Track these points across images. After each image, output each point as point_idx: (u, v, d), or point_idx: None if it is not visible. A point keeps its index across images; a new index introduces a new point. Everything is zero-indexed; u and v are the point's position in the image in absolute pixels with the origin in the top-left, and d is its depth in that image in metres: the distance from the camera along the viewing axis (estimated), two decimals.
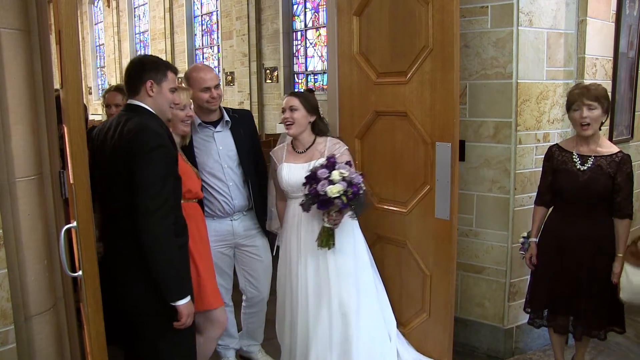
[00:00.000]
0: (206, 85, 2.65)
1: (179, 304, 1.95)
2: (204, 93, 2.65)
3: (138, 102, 2.07)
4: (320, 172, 2.40)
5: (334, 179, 2.36)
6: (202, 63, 3.15)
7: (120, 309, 2.03)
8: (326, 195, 2.35)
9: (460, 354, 3.12)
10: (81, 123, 1.61)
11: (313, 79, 11.40)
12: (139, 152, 1.89)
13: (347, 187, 2.36)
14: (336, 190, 2.34)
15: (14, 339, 1.73)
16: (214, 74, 2.72)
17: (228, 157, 2.74)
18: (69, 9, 1.59)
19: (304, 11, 11.29)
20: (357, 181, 2.40)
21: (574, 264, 2.54)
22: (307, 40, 11.34)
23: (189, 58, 14.34)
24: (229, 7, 12.43)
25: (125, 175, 1.90)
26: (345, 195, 2.36)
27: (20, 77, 1.76)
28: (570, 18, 3.05)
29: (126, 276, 2.00)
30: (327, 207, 2.41)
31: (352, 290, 2.56)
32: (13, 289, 1.73)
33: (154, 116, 2.06)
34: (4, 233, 1.70)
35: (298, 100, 2.63)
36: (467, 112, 3.07)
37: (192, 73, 2.72)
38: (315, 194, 2.38)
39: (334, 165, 2.41)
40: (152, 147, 1.90)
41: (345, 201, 2.37)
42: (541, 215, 2.70)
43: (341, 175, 2.37)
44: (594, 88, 2.51)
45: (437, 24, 2.64)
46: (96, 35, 19.49)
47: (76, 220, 1.66)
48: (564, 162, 2.58)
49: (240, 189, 2.77)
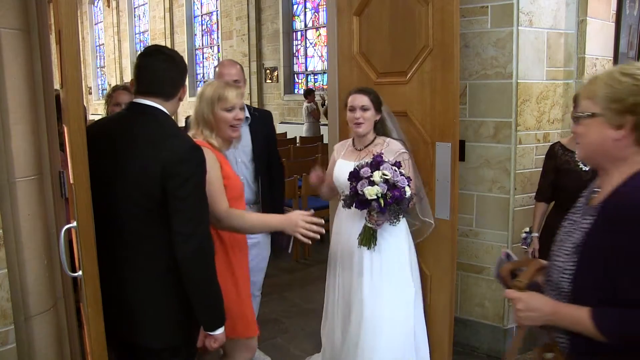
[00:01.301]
0: (224, 80, 2.55)
1: (218, 333, 1.81)
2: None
3: (158, 105, 1.79)
4: (363, 170, 2.27)
5: (374, 180, 2.23)
6: (230, 59, 3.12)
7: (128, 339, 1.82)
8: (364, 196, 2.24)
9: (460, 354, 3.12)
10: (81, 123, 1.61)
11: (313, 79, 11.40)
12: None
13: (386, 190, 2.22)
14: (374, 192, 2.21)
15: (14, 339, 1.73)
16: (235, 69, 2.70)
17: (243, 152, 2.73)
18: (69, 9, 1.58)
19: (304, 11, 11.30)
20: (402, 185, 2.24)
21: None
22: (307, 40, 11.35)
23: (189, 58, 14.36)
24: (229, 7, 12.44)
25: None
26: (383, 198, 2.22)
27: (20, 77, 1.76)
28: (570, 18, 3.05)
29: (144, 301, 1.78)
30: (365, 207, 2.30)
31: (383, 298, 2.46)
32: (13, 289, 1.73)
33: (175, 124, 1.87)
34: (4, 233, 1.70)
35: (368, 99, 2.51)
36: (467, 112, 3.07)
37: (218, 68, 2.78)
38: (355, 193, 2.28)
39: (378, 165, 2.26)
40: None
41: (382, 205, 2.23)
42: (542, 210, 2.73)
43: (383, 177, 2.22)
44: None
45: (437, 24, 2.64)
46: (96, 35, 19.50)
47: (76, 220, 1.66)
48: (566, 162, 2.59)
49: (251, 184, 2.77)
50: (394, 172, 2.26)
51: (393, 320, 2.46)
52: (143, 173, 1.69)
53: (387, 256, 2.47)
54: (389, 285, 2.47)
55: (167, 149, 1.69)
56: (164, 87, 1.79)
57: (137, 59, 1.85)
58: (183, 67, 1.87)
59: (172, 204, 1.67)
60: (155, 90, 1.79)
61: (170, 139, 1.73)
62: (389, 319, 2.45)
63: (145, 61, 1.82)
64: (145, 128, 1.75)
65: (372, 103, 2.51)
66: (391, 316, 2.46)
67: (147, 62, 1.82)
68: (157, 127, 1.76)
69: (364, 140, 2.59)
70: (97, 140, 1.72)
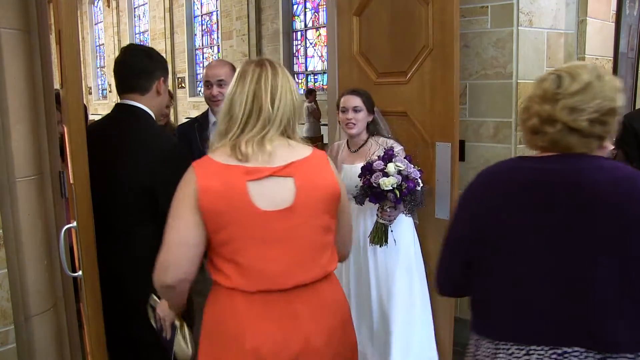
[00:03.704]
0: (206, 79, 2.48)
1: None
2: (205, 89, 2.50)
3: (137, 103, 1.83)
4: (376, 163, 2.27)
5: (389, 172, 2.23)
6: (221, 60, 3.02)
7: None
8: (379, 188, 2.23)
9: (461, 354, 3.10)
10: (81, 123, 1.61)
11: (313, 79, 11.40)
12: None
13: (401, 181, 2.23)
14: (389, 183, 2.21)
15: (14, 339, 1.73)
16: (222, 69, 2.45)
17: None
18: (69, 9, 1.58)
19: (304, 11, 11.30)
20: (415, 176, 2.27)
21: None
22: (307, 40, 11.35)
23: (189, 58, 14.35)
24: (229, 7, 12.44)
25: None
26: (399, 189, 2.23)
27: (20, 77, 1.76)
28: (570, 18, 3.05)
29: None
30: (380, 200, 2.30)
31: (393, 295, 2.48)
32: (13, 289, 1.73)
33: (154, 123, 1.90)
34: (4, 233, 1.70)
35: (360, 100, 2.49)
36: (467, 112, 3.07)
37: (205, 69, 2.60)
38: (369, 186, 2.27)
39: (391, 158, 2.28)
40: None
41: (398, 196, 2.24)
42: None
43: (397, 168, 2.24)
44: None
45: (437, 24, 2.64)
46: (96, 35, 19.49)
47: (76, 220, 1.66)
48: None
49: None
50: (406, 164, 2.27)
51: (405, 320, 2.48)
52: (131, 172, 1.75)
53: (393, 255, 2.48)
54: (397, 284, 2.48)
55: (151, 147, 1.76)
56: (138, 80, 1.83)
57: (115, 61, 1.89)
58: (158, 60, 1.90)
59: (163, 202, 1.70)
60: (131, 85, 1.83)
61: (154, 138, 1.80)
62: (401, 321, 2.46)
63: (118, 59, 1.88)
64: (128, 127, 1.81)
65: (364, 104, 2.50)
66: (403, 316, 2.47)
67: (120, 60, 1.87)
68: (140, 126, 1.82)
69: (357, 141, 2.58)
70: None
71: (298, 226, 1.35)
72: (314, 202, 1.36)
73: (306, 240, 1.37)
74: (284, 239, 1.34)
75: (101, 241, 1.72)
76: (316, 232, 1.38)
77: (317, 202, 1.37)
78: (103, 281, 1.71)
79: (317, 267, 1.38)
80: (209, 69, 2.51)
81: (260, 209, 1.31)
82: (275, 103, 1.35)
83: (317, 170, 1.39)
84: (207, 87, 2.47)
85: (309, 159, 1.39)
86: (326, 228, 1.40)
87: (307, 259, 1.37)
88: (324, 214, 1.38)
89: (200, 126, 2.53)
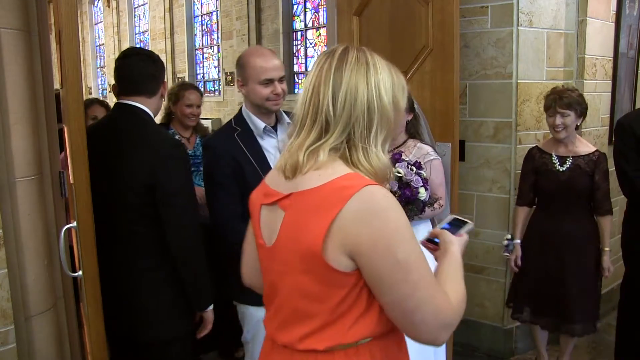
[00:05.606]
0: (267, 76, 1.95)
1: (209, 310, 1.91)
2: (263, 87, 1.96)
3: (141, 104, 1.85)
4: None
5: None
6: (260, 46, 2.56)
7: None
8: None
9: (460, 354, 3.11)
10: (81, 123, 1.61)
11: None
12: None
13: (397, 188, 2.11)
14: None
15: (14, 339, 1.73)
16: (278, 61, 1.99)
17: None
18: (69, 9, 1.58)
19: (304, 11, 11.29)
20: (415, 185, 2.12)
21: (557, 261, 2.60)
22: (307, 40, 11.34)
23: (189, 58, 14.35)
24: (229, 7, 12.43)
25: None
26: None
27: (20, 77, 1.76)
28: (570, 18, 3.05)
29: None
30: None
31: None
32: (13, 289, 1.73)
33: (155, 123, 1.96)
34: (4, 233, 1.70)
35: None
36: (467, 112, 3.07)
37: (249, 58, 1.97)
38: None
39: (394, 163, 2.16)
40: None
41: None
42: (524, 215, 2.75)
43: (396, 175, 2.11)
44: (567, 96, 2.55)
45: (437, 24, 2.64)
46: (96, 35, 19.49)
47: (76, 220, 1.66)
48: (544, 164, 2.66)
49: None
50: (408, 171, 2.16)
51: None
52: (133, 171, 1.77)
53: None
54: None
55: (154, 145, 1.78)
56: (146, 84, 1.87)
57: (116, 62, 1.91)
58: (161, 65, 1.95)
59: (164, 200, 1.74)
60: (139, 89, 1.86)
61: (156, 137, 1.84)
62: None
63: (125, 62, 1.90)
64: (132, 127, 1.84)
65: None
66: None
67: (126, 63, 1.89)
68: (143, 125, 1.85)
69: (394, 142, 2.37)
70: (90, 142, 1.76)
71: (282, 274, 1.06)
72: (291, 253, 1.02)
73: (286, 297, 1.06)
74: (276, 284, 1.08)
75: (101, 241, 1.72)
76: (293, 294, 1.04)
77: (295, 254, 1.01)
78: (103, 281, 1.72)
79: (297, 338, 1.04)
80: (265, 61, 1.94)
81: (260, 240, 1.11)
82: (339, 102, 1.01)
83: (313, 211, 0.98)
84: (265, 85, 1.95)
85: (318, 190, 0.99)
86: (306, 294, 1.02)
87: (288, 322, 1.07)
88: (301, 274, 1.01)
89: (243, 134, 2.00)
